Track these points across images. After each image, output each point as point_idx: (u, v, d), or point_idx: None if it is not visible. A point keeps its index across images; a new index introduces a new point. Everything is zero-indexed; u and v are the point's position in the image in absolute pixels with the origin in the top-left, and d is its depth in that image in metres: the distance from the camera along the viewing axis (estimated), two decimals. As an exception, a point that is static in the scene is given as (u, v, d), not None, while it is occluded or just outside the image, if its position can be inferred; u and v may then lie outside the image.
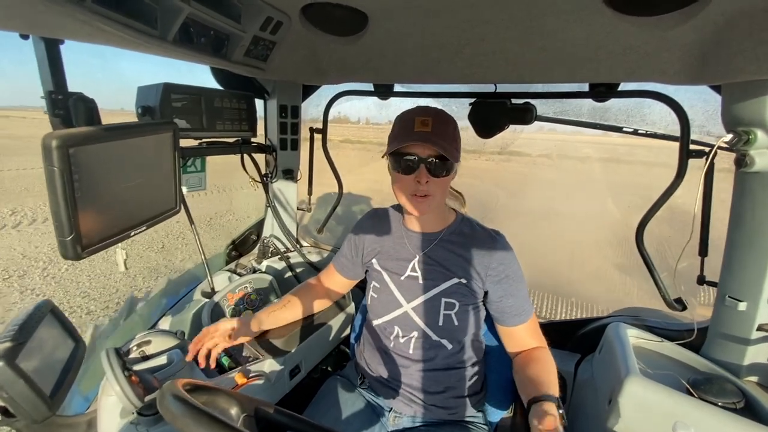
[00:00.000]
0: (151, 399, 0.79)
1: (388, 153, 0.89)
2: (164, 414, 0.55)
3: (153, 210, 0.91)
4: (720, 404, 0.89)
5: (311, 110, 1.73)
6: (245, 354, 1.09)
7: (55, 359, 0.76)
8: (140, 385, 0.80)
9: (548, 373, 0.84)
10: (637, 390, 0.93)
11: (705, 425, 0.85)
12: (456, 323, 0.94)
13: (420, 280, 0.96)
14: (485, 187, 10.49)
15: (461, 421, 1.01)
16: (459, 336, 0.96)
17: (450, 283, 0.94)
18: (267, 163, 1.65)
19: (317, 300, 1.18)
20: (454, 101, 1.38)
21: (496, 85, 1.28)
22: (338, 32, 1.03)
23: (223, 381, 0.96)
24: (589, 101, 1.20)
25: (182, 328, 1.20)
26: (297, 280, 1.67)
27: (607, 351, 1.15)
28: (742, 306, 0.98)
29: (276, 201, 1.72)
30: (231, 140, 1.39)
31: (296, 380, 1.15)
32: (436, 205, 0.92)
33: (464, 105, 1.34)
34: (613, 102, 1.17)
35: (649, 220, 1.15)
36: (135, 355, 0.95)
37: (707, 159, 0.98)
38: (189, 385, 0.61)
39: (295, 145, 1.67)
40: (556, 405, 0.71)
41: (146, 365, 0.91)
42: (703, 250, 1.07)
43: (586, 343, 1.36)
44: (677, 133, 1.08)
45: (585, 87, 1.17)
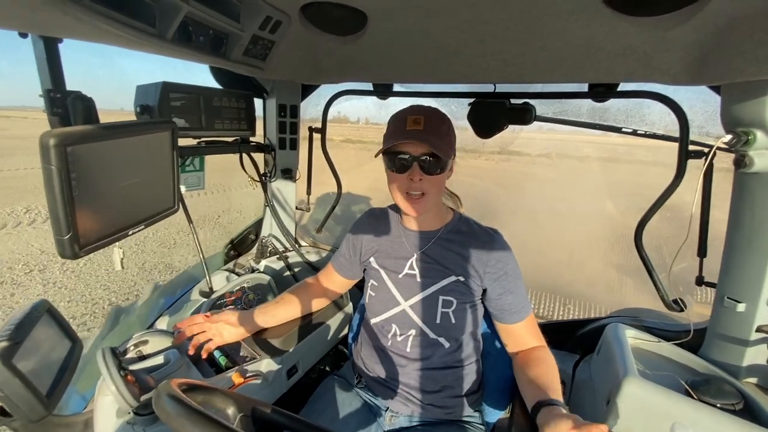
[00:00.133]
0: (148, 399, 0.78)
1: (381, 152, 0.89)
2: (160, 414, 0.54)
3: (151, 209, 0.90)
4: (719, 405, 0.89)
5: (310, 110, 1.73)
6: (242, 354, 1.08)
7: (52, 359, 0.75)
8: (136, 385, 0.80)
9: (554, 376, 0.84)
10: (636, 391, 0.93)
11: (703, 426, 0.85)
12: (453, 321, 0.94)
13: (418, 278, 0.96)
14: (485, 186, 10.51)
15: (458, 421, 1.00)
16: (456, 334, 0.96)
17: (448, 281, 0.94)
18: (266, 163, 1.65)
19: (315, 299, 1.18)
20: (453, 101, 1.38)
21: (496, 85, 1.28)
22: (337, 32, 1.03)
23: (220, 381, 0.96)
24: (589, 101, 1.20)
25: (178, 330, 1.20)
26: (295, 280, 1.66)
27: (606, 351, 1.15)
28: (741, 307, 0.98)
29: (275, 200, 1.72)
30: (230, 139, 1.39)
31: (293, 380, 1.15)
32: (432, 204, 0.92)
33: (463, 105, 1.34)
34: (613, 102, 1.16)
35: (648, 221, 1.15)
36: (132, 355, 0.95)
37: (706, 159, 0.98)
38: (185, 385, 0.61)
39: (294, 145, 1.66)
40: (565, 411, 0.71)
41: (143, 365, 0.91)
42: (702, 251, 1.07)
43: (585, 344, 1.36)
44: (676, 134, 1.08)
45: (584, 87, 1.17)
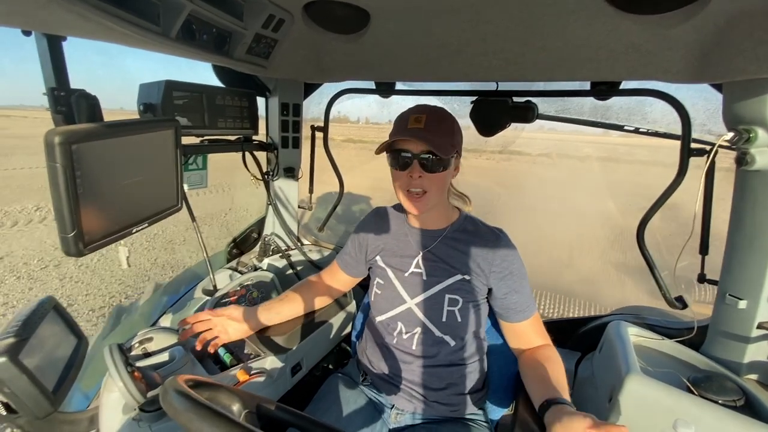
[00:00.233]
0: (154, 395, 0.79)
1: (382, 149, 0.91)
2: (167, 409, 0.55)
3: (154, 207, 0.91)
4: (720, 402, 0.89)
5: (312, 108, 1.73)
6: (246, 351, 1.09)
7: (58, 355, 0.76)
8: (143, 381, 0.81)
9: (561, 375, 0.84)
10: (638, 388, 0.93)
11: (705, 423, 0.85)
12: (459, 320, 0.94)
13: (424, 277, 0.97)
14: (486, 185, 10.53)
15: (462, 419, 1.01)
16: (462, 332, 0.97)
17: (453, 280, 0.94)
18: (268, 161, 1.65)
19: (318, 297, 1.18)
20: (456, 99, 1.38)
21: (498, 83, 1.28)
22: (340, 30, 1.03)
23: (225, 378, 0.96)
24: (591, 100, 1.20)
25: (183, 326, 1.20)
26: (298, 278, 1.66)
27: (608, 349, 1.15)
28: (743, 304, 0.98)
29: (277, 199, 1.72)
30: (232, 138, 1.40)
31: (298, 377, 1.15)
32: (434, 203, 0.92)
33: (466, 103, 1.34)
34: (615, 100, 1.17)
35: (650, 219, 1.15)
36: (137, 352, 0.95)
37: (708, 157, 0.98)
38: (191, 381, 0.62)
39: (297, 143, 1.67)
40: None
41: (148, 362, 0.92)
42: (704, 249, 1.07)
43: (587, 342, 1.37)
44: (678, 132, 1.08)
45: (586, 85, 1.17)
